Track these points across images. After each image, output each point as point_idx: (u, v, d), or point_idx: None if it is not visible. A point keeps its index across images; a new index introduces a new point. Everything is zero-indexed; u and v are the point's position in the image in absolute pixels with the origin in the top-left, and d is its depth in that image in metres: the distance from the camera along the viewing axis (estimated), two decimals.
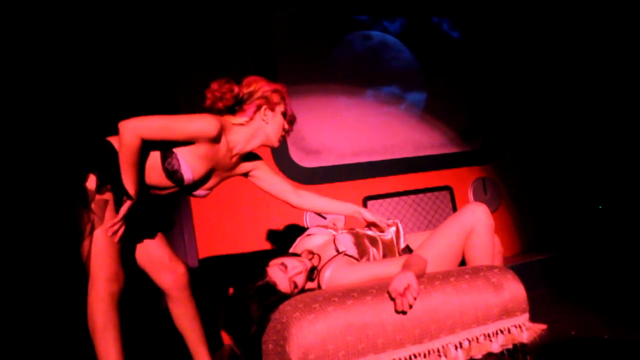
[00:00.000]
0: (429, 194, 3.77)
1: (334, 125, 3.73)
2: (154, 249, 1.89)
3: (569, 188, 4.24)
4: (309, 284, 1.72)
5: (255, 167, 2.02)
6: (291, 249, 1.92)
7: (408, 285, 1.40)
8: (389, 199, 3.67)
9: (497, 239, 1.89)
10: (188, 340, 1.96)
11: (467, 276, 1.54)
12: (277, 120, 1.87)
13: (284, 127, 1.91)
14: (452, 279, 1.52)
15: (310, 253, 1.77)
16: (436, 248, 1.76)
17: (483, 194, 3.98)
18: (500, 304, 1.51)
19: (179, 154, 1.69)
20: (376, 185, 3.69)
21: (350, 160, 3.70)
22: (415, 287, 1.40)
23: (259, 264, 1.70)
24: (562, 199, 4.22)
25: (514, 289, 1.55)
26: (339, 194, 3.54)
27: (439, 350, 1.43)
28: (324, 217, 3.31)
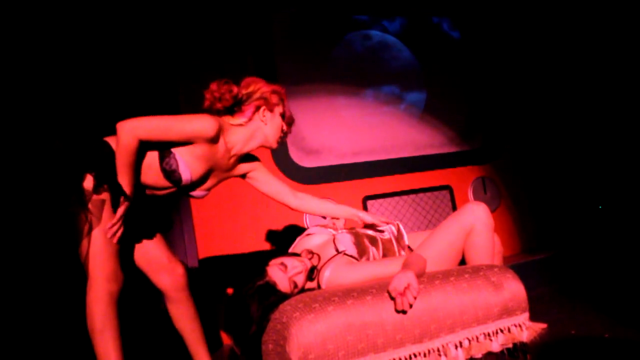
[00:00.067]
0: (429, 194, 3.77)
1: (334, 125, 3.73)
2: (152, 249, 1.88)
3: (569, 188, 4.24)
4: (309, 284, 1.72)
5: (253, 169, 2.01)
6: (291, 249, 1.92)
7: (408, 284, 1.40)
8: (389, 199, 3.67)
9: (497, 238, 1.89)
10: (187, 340, 1.96)
11: (467, 275, 1.54)
12: (276, 122, 1.87)
13: (282, 129, 1.90)
14: (452, 279, 1.52)
15: (310, 253, 1.77)
16: (436, 247, 1.76)
17: (483, 193, 3.98)
18: (500, 303, 1.51)
19: (177, 154, 1.69)
20: (376, 185, 3.69)
21: (350, 160, 3.70)
22: (415, 287, 1.40)
23: (258, 264, 1.70)
24: (562, 199, 4.22)
25: (514, 288, 1.55)
26: (338, 193, 3.54)
27: (439, 350, 1.43)
28: (324, 217, 3.32)
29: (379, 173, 3.73)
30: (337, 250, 1.76)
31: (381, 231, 1.96)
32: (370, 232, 1.92)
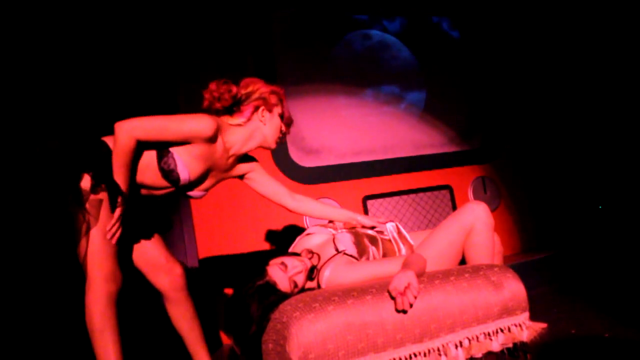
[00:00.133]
0: (429, 193, 3.77)
1: (334, 124, 3.73)
2: (150, 250, 1.88)
3: (568, 187, 4.24)
4: (309, 284, 1.72)
5: (251, 170, 2.01)
6: (291, 249, 1.92)
7: (408, 284, 1.40)
8: (389, 199, 3.67)
9: (497, 238, 1.89)
10: (187, 340, 1.95)
11: (467, 275, 1.54)
12: (275, 122, 1.87)
13: (281, 129, 1.90)
14: (452, 278, 1.52)
15: (310, 252, 1.77)
16: (436, 247, 1.76)
17: (483, 193, 3.98)
18: (500, 303, 1.51)
19: (176, 154, 1.69)
20: (376, 184, 3.69)
21: (350, 159, 3.70)
22: (415, 286, 1.40)
23: (258, 263, 1.70)
24: (562, 198, 4.22)
25: (514, 288, 1.55)
26: (338, 193, 3.54)
27: (439, 349, 1.43)
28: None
29: (378, 173, 3.73)
30: (337, 249, 1.76)
31: (381, 231, 1.96)
32: (370, 232, 1.92)
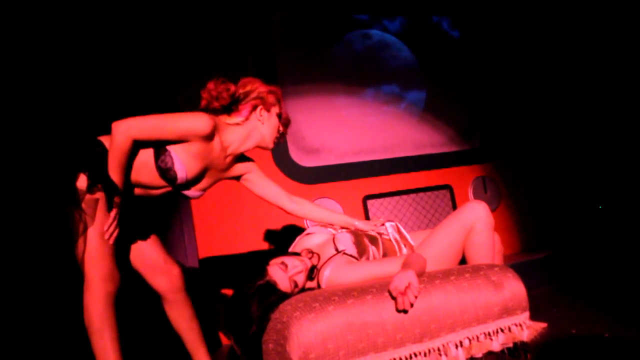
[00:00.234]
0: (429, 193, 3.77)
1: (334, 124, 3.73)
2: (148, 251, 1.87)
3: (569, 187, 4.24)
4: (309, 283, 1.72)
5: (249, 170, 2.00)
6: (290, 248, 1.92)
7: (409, 283, 1.39)
8: (389, 198, 3.67)
9: (497, 237, 1.89)
10: (186, 341, 1.95)
11: (468, 275, 1.54)
12: (273, 122, 1.87)
13: (279, 129, 1.90)
14: (453, 278, 1.52)
15: (310, 252, 1.77)
16: (436, 247, 1.76)
17: (483, 192, 3.97)
18: (500, 303, 1.51)
19: (173, 152, 1.68)
20: (376, 184, 3.69)
21: (350, 159, 3.70)
22: (416, 286, 1.40)
23: (259, 263, 1.70)
24: (562, 198, 4.22)
25: (515, 288, 1.55)
26: (339, 193, 3.54)
27: (439, 349, 1.43)
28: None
29: (379, 172, 3.73)
30: (337, 249, 1.76)
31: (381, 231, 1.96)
32: (370, 232, 1.92)
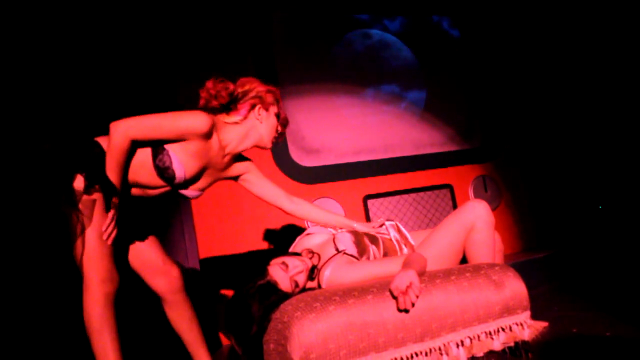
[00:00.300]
0: (430, 193, 3.77)
1: (334, 124, 3.73)
2: (146, 252, 1.87)
3: (569, 186, 4.24)
4: (310, 283, 1.72)
5: (247, 171, 2.00)
6: (291, 249, 1.92)
7: (410, 283, 1.39)
8: (390, 198, 3.67)
9: (498, 236, 1.89)
10: (187, 341, 1.94)
11: (468, 274, 1.54)
12: (271, 121, 1.87)
13: (277, 129, 1.90)
14: (453, 277, 1.52)
15: (311, 252, 1.77)
16: (437, 246, 1.76)
17: (483, 192, 3.97)
18: (501, 302, 1.51)
19: (171, 151, 1.68)
20: (376, 184, 3.69)
21: (350, 159, 3.70)
22: (417, 285, 1.40)
23: (259, 263, 1.70)
24: (563, 197, 4.22)
25: (515, 287, 1.55)
26: (339, 193, 3.53)
27: (440, 349, 1.43)
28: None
29: (379, 172, 3.73)
30: (337, 249, 1.76)
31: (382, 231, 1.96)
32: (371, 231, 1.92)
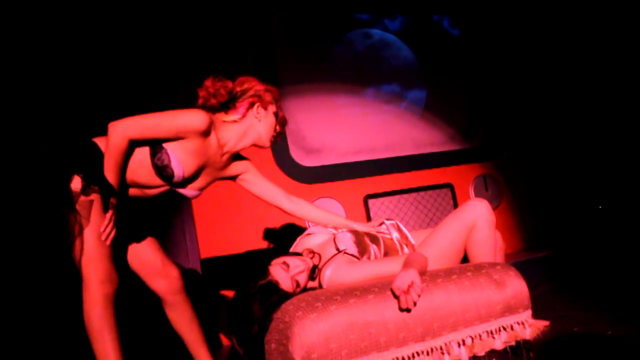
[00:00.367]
0: (430, 192, 3.77)
1: (335, 124, 3.73)
2: (146, 253, 1.86)
3: (570, 186, 4.23)
4: (310, 283, 1.72)
5: (246, 170, 2.00)
6: (292, 249, 1.92)
7: (412, 282, 1.39)
8: (390, 197, 3.67)
9: (499, 235, 1.89)
10: (188, 342, 1.94)
11: (470, 273, 1.54)
12: (269, 120, 1.86)
13: (275, 128, 1.89)
14: (455, 277, 1.52)
15: (311, 252, 1.77)
16: (438, 245, 1.76)
17: (484, 191, 3.97)
18: (502, 301, 1.51)
19: (169, 149, 1.68)
20: (377, 183, 3.69)
21: (350, 158, 3.70)
22: (419, 285, 1.40)
23: (260, 263, 1.70)
24: (563, 197, 4.21)
25: (517, 286, 1.55)
26: (339, 192, 3.53)
27: (441, 348, 1.43)
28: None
29: (380, 172, 3.73)
30: (338, 249, 1.76)
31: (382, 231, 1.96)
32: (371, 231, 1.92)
